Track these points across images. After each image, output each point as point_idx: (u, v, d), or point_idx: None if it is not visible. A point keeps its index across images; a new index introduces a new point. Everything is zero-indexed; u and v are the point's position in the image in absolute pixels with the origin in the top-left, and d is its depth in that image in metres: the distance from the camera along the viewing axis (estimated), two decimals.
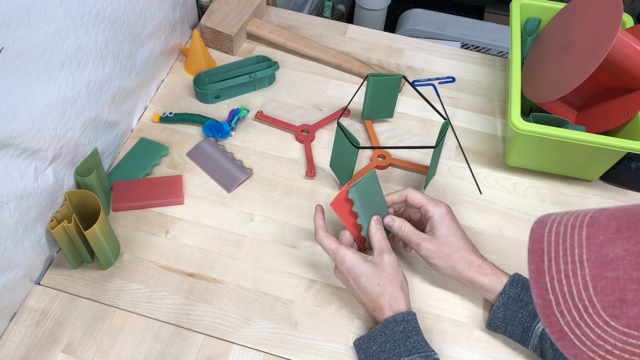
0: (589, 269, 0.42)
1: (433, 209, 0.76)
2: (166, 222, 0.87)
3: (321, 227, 0.76)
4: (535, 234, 0.47)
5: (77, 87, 0.77)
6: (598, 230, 0.43)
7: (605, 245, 0.42)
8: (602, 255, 0.42)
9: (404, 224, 0.77)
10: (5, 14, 0.60)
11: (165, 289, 0.81)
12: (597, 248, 0.42)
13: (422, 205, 0.77)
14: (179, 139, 0.97)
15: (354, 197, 0.74)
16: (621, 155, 0.87)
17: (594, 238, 0.43)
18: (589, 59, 0.82)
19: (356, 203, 0.74)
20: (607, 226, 0.43)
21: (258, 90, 1.05)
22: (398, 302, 0.72)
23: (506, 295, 0.73)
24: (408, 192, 0.78)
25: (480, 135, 1.01)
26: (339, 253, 0.73)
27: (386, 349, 0.69)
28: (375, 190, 0.78)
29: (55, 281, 0.81)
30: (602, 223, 0.44)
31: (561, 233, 0.45)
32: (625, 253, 0.41)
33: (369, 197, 0.76)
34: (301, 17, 1.18)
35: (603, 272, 0.41)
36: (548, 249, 0.45)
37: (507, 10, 1.94)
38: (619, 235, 0.42)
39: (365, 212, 0.76)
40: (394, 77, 0.94)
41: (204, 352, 0.76)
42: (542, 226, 0.47)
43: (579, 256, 0.43)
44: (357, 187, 0.74)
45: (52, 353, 0.74)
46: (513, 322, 0.73)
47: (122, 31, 0.85)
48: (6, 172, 0.68)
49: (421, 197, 0.78)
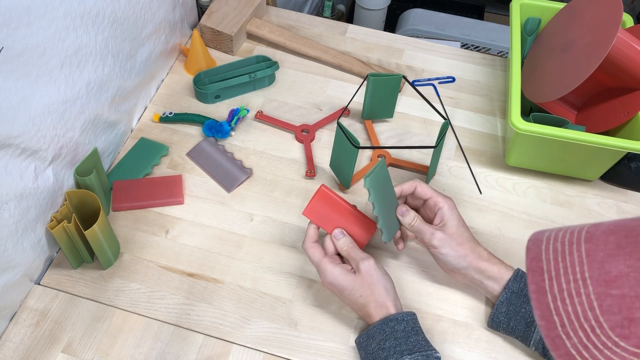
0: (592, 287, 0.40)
1: (443, 200, 0.77)
2: (166, 222, 0.87)
3: (310, 236, 0.76)
4: (531, 252, 0.45)
5: (77, 87, 0.77)
6: (597, 246, 0.42)
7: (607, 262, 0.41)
8: (605, 272, 0.40)
9: (416, 215, 0.77)
10: (5, 14, 0.60)
11: (165, 289, 0.81)
12: (599, 265, 0.41)
13: (432, 196, 0.77)
14: (179, 139, 0.97)
15: (369, 187, 0.72)
16: (621, 155, 0.87)
17: (594, 254, 0.42)
18: (589, 59, 0.82)
19: (371, 194, 0.72)
20: (606, 242, 0.42)
21: (258, 90, 1.05)
22: (386, 306, 0.72)
23: (509, 290, 0.73)
24: (418, 183, 0.79)
25: (480, 135, 1.01)
26: (320, 267, 0.74)
27: (385, 347, 0.69)
28: (386, 180, 0.77)
29: (55, 281, 0.81)
30: (600, 238, 0.42)
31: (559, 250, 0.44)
32: (629, 269, 0.39)
33: (382, 187, 0.75)
34: (301, 17, 1.18)
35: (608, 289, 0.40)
36: (547, 267, 0.43)
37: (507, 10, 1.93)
38: (619, 250, 0.41)
39: (379, 203, 0.74)
40: (394, 77, 0.94)
41: (204, 352, 0.76)
42: (537, 244, 0.45)
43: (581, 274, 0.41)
44: (372, 177, 0.72)
45: (52, 353, 0.74)
46: (516, 317, 0.73)
47: (122, 31, 0.85)
48: (6, 172, 0.68)
49: (430, 189, 0.78)
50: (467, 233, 0.77)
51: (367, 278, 0.72)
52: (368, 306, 0.72)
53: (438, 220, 0.77)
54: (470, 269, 0.75)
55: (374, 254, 0.85)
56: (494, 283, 0.75)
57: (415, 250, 0.86)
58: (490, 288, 0.75)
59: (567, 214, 0.91)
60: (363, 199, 0.91)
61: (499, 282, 0.74)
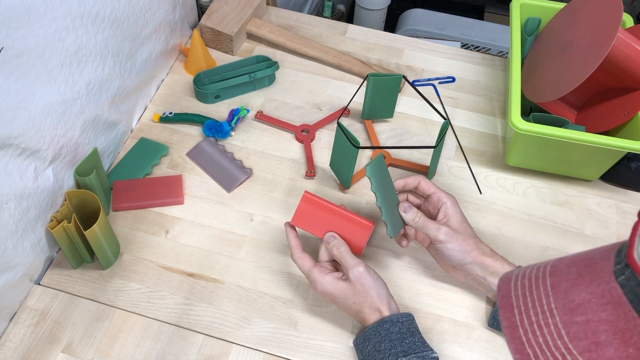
0: (559, 316, 0.42)
1: (446, 196, 0.77)
2: (166, 222, 0.87)
3: (295, 246, 0.75)
4: (502, 290, 0.47)
5: (77, 87, 0.77)
6: (561, 277, 0.44)
7: (570, 291, 0.43)
8: (569, 301, 0.42)
9: (419, 211, 0.77)
10: (5, 14, 0.60)
11: (165, 289, 0.81)
12: (562, 295, 0.43)
13: (435, 192, 0.77)
14: (179, 139, 0.97)
15: (370, 176, 0.72)
16: (621, 155, 0.87)
17: (558, 286, 0.44)
18: (589, 59, 0.82)
19: (372, 182, 0.72)
20: (568, 272, 0.44)
21: (258, 90, 1.05)
22: (379, 310, 0.72)
23: None
24: (422, 178, 0.79)
25: (480, 135, 1.01)
26: (311, 277, 0.74)
27: (381, 349, 0.69)
28: (386, 175, 0.77)
29: (55, 281, 0.81)
30: (563, 270, 0.44)
31: (527, 286, 0.46)
32: (590, 296, 0.41)
33: (382, 180, 0.75)
34: (301, 17, 1.18)
35: (572, 317, 0.42)
36: (517, 302, 0.45)
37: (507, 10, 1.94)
38: (580, 279, 0.43)
39: (381, 194, 0.74)
40: (394, 77, 0.94)
41: (204, 352, 0.76)
42: (507, 282, 0.48)
43: (547, 305, 0.43)
44: (372, 165, 0.72)
45: (52, 353, 0.74)
46: None
47: (122, 31, 0.85)
48: (6, 172, 0.68)
49: (433, 185, 0.78)
50: (470, 229, 0.77)
51: (357, 286, 0.72)
52: (362, 311, 0.72)
53: (442, 216, 0.76)
54: (474, 265, 0.75)
55: (374, 253, 0.85)
56: (497, 279, 0.75)
57: (416, 251, 0.86)
58: (493, 284, 0.75)
59: (567, 214, 0.91)
60: (363, 199, 0.91)
61: None
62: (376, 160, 0.73)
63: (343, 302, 0.73)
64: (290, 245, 0.76)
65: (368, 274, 0.72)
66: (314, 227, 0.77)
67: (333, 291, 0.72)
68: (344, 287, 0.72)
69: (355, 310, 0.73)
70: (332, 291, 0.73)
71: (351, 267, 0.72)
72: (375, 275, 0.73)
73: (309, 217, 0.76)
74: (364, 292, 0.72)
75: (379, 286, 0.73)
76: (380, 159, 0.75)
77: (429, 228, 0.75)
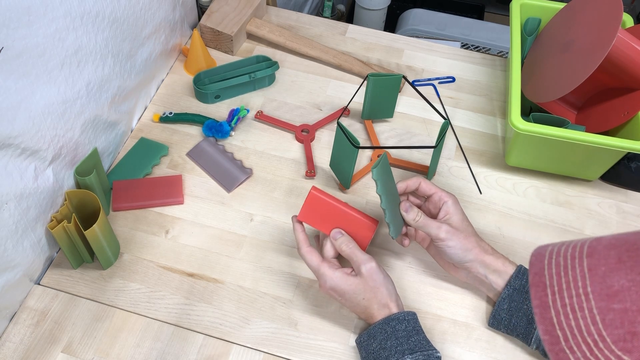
0: (595, 301, 0.41)
1: (447, 195, 0.77)
2: (166, 222, 0.87)
3: (303, 241, 0.75)
4: (534, 267, 0.46)
5: (77, 87, 0.77)
6: (599, 260, 0.42)
7: (608, 276, 0.41)
8: (607, 286, 0.41)
9: (419, 210, 0.77)
10: (5, 14, 0.60)
11: (165, 289, 0.81)
12: (600, 279, 0.41)
13: (435, 192, 0.77)
14: (179, 139, 0.97)
15: (377, 179, 0.72)
16: (621, 155, 0.87)
17: (596, 269, 0.42)
18: (589, 59, 0.82)
19: (378, 185, 0.72)
20: (607, 256, 0.42)
21: (258, 90, 1.05)
22: (389, 306, 0.72)
23: (511, 286, 0.73)
24: (422, 180, 0.79)
25: (480, 135, 1.01)
26: (320, 272, 0.73)
27: (387, 347, 0.69)
28: (389, 175, 0.77)
29: (55, 281, 0.81)
30: (601, 253, 0.43)
31: (562, 265, 0.44)
32: (631, 284, 0.40)
33: (387, 181, 0.75)
34: (301, 17, 1.18)
35: (610, 304, 0.40)
36: (550, 282, 0.44)
37: (507, 10, 1.93)
38: (621, 265, 0.41)
39: (386, 196, 0.74)
40: (394, 77, 0.94)
41: (204, 352, 0.76)
42: (540, 259, 0.46)
43: (583, 288, 0.42)
44: (378, 168, 0.72)
45: (52, 353, 0.74)
46: (518, 313, 0.73)
47: (122, 31, 0.85)
48: (6, 172, 0.68)
49: (434, 186, 0.78)
50: (471, 228, 0.77)
51: (369, 281, 0.72)
52: (370, 308, 0.72)
53: (443, 214, 0.76)
54: (476, 262, 0.75)
55: (375, 253, 0.85)
56: (498, 277, 0.75)
57: (416, 251, 0.86)
58: (494, 283, 0.75)
59: (567, 214, 0.91)
60: (363, 199, 0.91)
61: (503, 276, 0.74)
62: (382, 163, 0.73)
63: (352, 297, 0.72)
64: (298, 240, 0.76)
65: (379, 270, 0.73)
66: (320, 223, 0.76)
67: (343, 286, 0.72)
68: (355, 282, 0.72)
69: (363, 306, 0.72)
70: (342, 286, 0.72)
71: (363, 263, 0.72)
72: (384, 272, 0.74)
73: (315, 213, 0.76)
74: (375, 288, 0.72)
75: (388, 282, 0.74)
76: (385, 161, 0.75)
77: (430, 226, 0.75)
